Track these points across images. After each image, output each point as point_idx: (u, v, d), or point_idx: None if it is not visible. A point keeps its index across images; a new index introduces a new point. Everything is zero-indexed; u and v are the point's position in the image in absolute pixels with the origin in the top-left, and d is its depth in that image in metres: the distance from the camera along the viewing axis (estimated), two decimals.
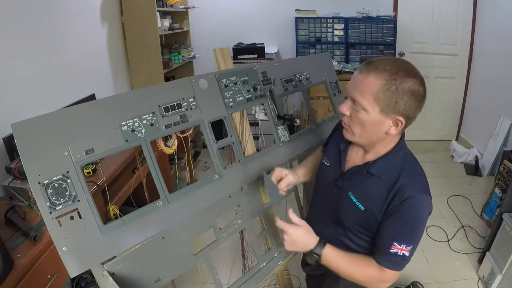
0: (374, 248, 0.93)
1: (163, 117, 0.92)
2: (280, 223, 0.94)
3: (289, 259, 1.30)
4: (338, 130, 1.03)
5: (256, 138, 1.22)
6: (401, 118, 0.82)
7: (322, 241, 0.93)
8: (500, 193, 2.45)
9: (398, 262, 0.88)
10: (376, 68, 0.80)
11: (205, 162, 3.56)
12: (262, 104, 1.22)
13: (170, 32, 3.14)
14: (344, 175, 0.97)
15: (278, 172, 1.08)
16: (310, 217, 1.14)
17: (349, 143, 0.99)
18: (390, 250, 0.87)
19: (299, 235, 0.93)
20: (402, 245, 0.86)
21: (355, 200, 0.92)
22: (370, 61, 0.83)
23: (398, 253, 0.86)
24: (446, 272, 2.10)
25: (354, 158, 0.97)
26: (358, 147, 0.97)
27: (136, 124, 0.87)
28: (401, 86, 0.78)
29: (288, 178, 1.07)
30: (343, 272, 0.93)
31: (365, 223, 0.92)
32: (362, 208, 0.91)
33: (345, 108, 0.88)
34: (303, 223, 0.95)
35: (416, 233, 0.88)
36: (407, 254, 0.87)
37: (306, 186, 1.47)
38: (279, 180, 1.07)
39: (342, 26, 3.62)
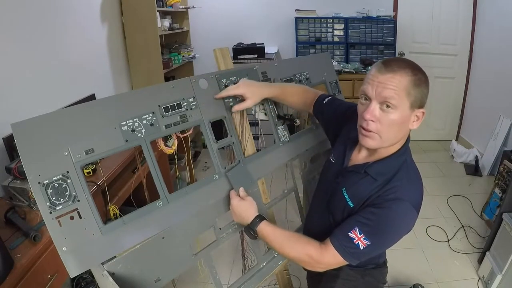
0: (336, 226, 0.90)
1: (163, 117, 0.92)
2: (230, 193, 1.04)
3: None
4: (347, 127, 1.03)
5: (256, 138, 1.22)
6: (422, 110, 0.84)
7: (260, 217, 0.99)
8: (500, 193, 2.45)
9: (348, 248, 0.84)
10: (399, 67, 0.80)
11: (205, 162, 3.56)
12: (262, 104, 1.22)
13: (170, 32, 3.14)
14: (344, 171, 0.98)
15: (242, 91, 1.04)
16: (311, 208, 1.16)
17: (356, 142, 0.98)
18: (349, 233, 0.84)
19: (239, 207, 1.00)
20: (361, 235, 0.82)
21: (346, 196, 0.93)
22: (387, 61, 0.83)
23: (354, 240, 0.83)
24: (446, 272, 2.10)
25: (358, 157, 0.98)
26: (363, 147, 0.96)
27: (136, 124, 0.87)
28: (423, 79, 0.81)
29: (245, 104, 1.05)
30: (277, 247, 0.95)
31: None
32: (351, 205, 0.91)
33: (371, 115, 0.82)
34: (248, 198, 1.03)
35: (383, 235, 0.84)
36: (361, 247, 0.82)
37: (306, 187, 1.47)
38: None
39: (342, 26, 3.62)
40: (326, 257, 0.87)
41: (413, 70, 0.81)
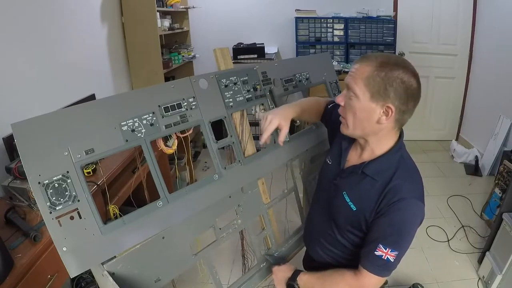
0: (361, 250, 0.91)
1: (163, 117, 0.92)
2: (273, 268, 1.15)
3: (289, 259, 1.30)
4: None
5: (256, 138, 1.22)
6: (390, 105, 0.82)
7: (297, 271, 1.05)
8: (500, 193, 2.45)
9: (381, 267, 0.86)
10: (369, 58, 0.85)
11: (205, 162, 3.56)
12: (262, 104, 1.22)
13: (170, 32, 3.13)
14: (342, 173, 0.98)
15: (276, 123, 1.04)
16: (310, 212, 1.16)
17: (351, 142, 0.99)
18: (375, 252, 0.85)
19: (279, 269, 1.10)
20: (387, 249, 0.84)
21: (348, 200, 0.93)
22: (368, 54, 0.88)
23: (383, 257, 0.84)
24: (446, 272, 2.10)
25: (353, 157, 0.98)
26: (357, 146, 0.97)
27: (136, 124, 0.87)
28: (390, 73, 0.81)
29: (284, 131, 1.06)
30: None
31: (356, 223, 0.93)
32: (354, 209, 0.91)
33: (341, 98, 0.90)
34: (286, 264, 1.14)
35: (403, 238, 0.86)
36: (391, 259, 0.84)
37: (306, 187, 1.47)
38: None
39: (342, 26, 3.62)
40: (364, 281, 0.88)
41: (379, 66, 0.82)
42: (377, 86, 0.82)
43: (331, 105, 1.16)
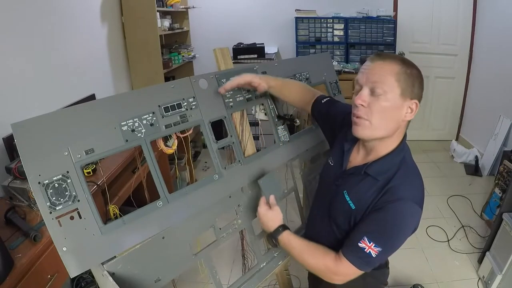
0: (346, 238, 0.91)
1: (163, 117, 0.92)
2: (260, 200, 1.07)
3: (289, 259, 1.30)
4: (344, 129, 1.03)
5: (256, 138, 1.22)
6: (416, 102, 0.85)
7: (283, 227, 1.01)
8: (500, 193, 2.45)
9: (361, 259, 0.84)
10: (389, 56, 0.85)
11: (205, 162, 3.56)
12: (262, 104, 1.22)
13: (170, 32, 3.14)
14: (344, 174, 0.97)
15: (249, 78, 1.09)
16: (311, 215, 1.15)
17: (354, 144, 0.98)
18: (358, 244, 0.84)
19: (265, 216, 1.04)
20: (371, 243, 0.82)
21: (348, 198, 0.92)
22: (380, 53, 0.89)
23: (365, 250, 0.83)
24: (446, 272, 2.10)
25: (356, 158, 0.97)
26: (361, 148, 0.96)
27: (136, 124, 0.87)
28: (413, 70, 0.84)
29: (260, 89, 1.11)
30: (296, 256, 0.97)
31: (354, 222, 0.92)
32: (353, 207, 0.91)
33: (361, 100, 0.84)
34: (275, 208, 1.05)
35: (391, 238, 0.84)
36: (373, 254, 0.83)
37: (306, 187, 1.47)
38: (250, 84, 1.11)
39: (342, 26, 3.62)
40: (341, 268, 0.88)
41: (403, 62, 0.84)
42: (406, 83, 0.83)
43: (325, 100, 1.14)
